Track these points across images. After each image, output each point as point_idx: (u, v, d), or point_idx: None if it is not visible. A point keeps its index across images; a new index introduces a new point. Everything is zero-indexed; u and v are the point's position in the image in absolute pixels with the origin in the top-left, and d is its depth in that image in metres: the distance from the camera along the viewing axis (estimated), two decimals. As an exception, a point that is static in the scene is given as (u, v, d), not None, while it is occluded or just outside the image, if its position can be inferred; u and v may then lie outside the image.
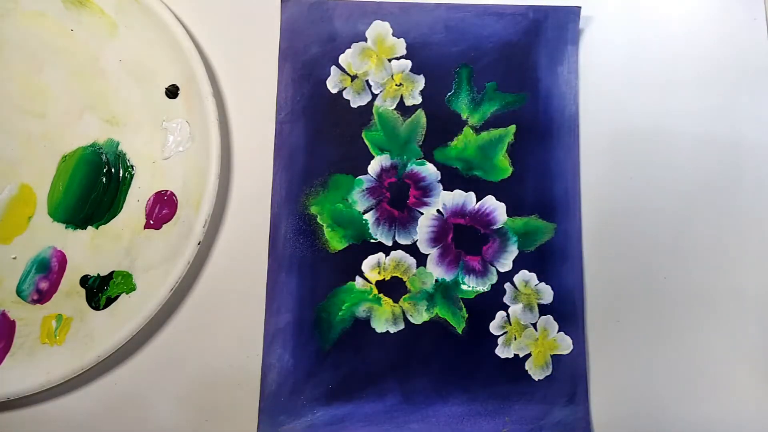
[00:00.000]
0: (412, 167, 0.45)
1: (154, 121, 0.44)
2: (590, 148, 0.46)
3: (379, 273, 0.44)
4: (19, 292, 0.43)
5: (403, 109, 0.45)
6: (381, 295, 0.44)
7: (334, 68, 0.46)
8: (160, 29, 0.44)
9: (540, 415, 0.43)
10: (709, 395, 0.43)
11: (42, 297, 0.43)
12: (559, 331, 0.44)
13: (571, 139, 0.45)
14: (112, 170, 0.44)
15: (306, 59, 0.46)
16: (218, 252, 0.44)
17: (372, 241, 0.44)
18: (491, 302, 0.44)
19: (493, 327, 0.44)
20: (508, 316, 0.44)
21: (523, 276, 0.44)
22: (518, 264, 0.44)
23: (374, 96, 0.46)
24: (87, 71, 0.45)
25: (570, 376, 0.43)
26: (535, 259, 0.44)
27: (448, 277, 0.44)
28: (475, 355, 0.43)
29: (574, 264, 0.44)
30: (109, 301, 0.42)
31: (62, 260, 0.43)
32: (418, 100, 0.46)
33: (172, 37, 0.43)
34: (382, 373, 0.43)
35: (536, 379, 0.43)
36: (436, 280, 0.44)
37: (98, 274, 0.43)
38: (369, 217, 0.44)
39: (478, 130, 0.45)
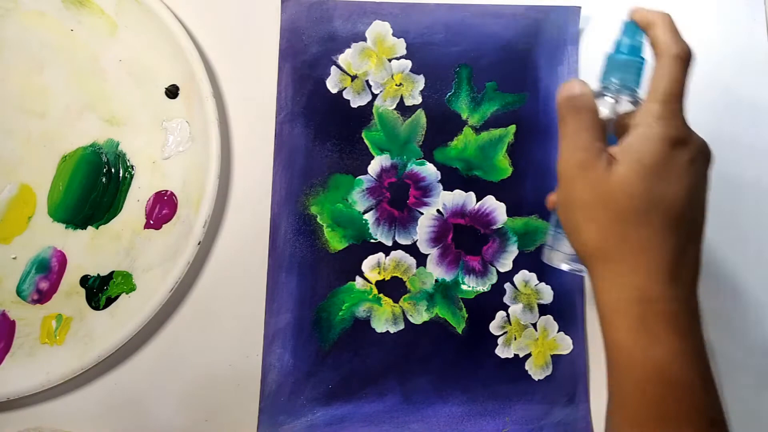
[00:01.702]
0: (412, 167, 0.45)
1: (154, 121, 0.44)
2: (590, 148, 0.45)
3: (379, 273, 0.44)
4: (19, 292, 0.43)
5: (403, 109, 0.45)
6: (381, 295, 0.44)
7: (334, 68, 0.46)
8: (160, 29, 0.44)
9: (540, 415, 0.43)
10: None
11: (42, 297, 0.43)
12: (559, 331, 0.44)
13: (571, 139, 0.45)
14: (112, 170, 0.44)
15: (306, 59, 0.46)
16: (218, 252, 0.44)
17: (372, 241, 0.44)
18: (491, 302, 0.44)
19: (493, 327, 0.43)
20: (508, 316, 0.44)
21: (523, 276, 0.44)
22: (518, 264, 0.44)
23: (374, 96, 0.46)
24: (87, 71, 0.45)
25: (570, 376, 0.43)
26: (535, 259, 0.44)
27: (448, 277, 0.44)
28: (475, 355, 0.43)
29: (574, 264, 0.44)
30: (109, 301, 0.42)
31: (62, 260, 0.43)
32: (418, 100, 0.46)
33: (172, 37, 0.43)
34: (382, 373, 0.43)
35: (536, 379, 0.43)
36: (436, 280, 0.44)
37: (98, 274, 0.43)
38: (369, 217, 0.44)
39: (478, 130, 0.45)
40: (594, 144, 0.31)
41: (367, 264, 0.44)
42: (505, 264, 0.44)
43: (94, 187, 0.44)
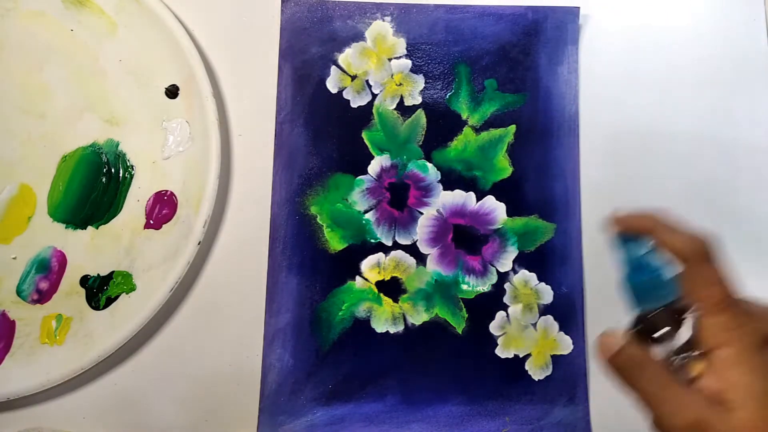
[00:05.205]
0: (412, 167, 0.45)
1: (154, 121, 0.44)
2: (590, 148, 0.46)
3: (378, 273, 0.44)
4: (19, 292, 0.43)
5: (403, 109, 0.45)
6: (381, 295, 0.44)
7: (334, 68, 0.46)
8: (160, 29, 0.44)
9: (540, 415, 0.43)
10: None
11: (42, 297, 0.43)
12: (559, 331, 0.44)
13: (571, 139, 0.45)
14: (112, 170, 0.44)
15: (306, 59, 0.46)
16: (218, 252, 0.44)
17: (372, 241, 0.44)
18: (491, 302, 0.44)
19: (493, 327, 0.43)
20: (508, 316, 0.44)
21: (523, 276, 0.44)
22: (518, 264, 0.44)
23: (374, 96, 0.46)
24: (87, 71, 0.45)
25: (570, 376, 0.43)
26: (535, 259, 0.44)
27: (448, 277, 0.44)
28: (475, 355, 0.43)
29: (574, 264, 0.44)
30: (109, 301, 0.42)
31: (62, 260, 0.43)
32: (418, 100, 0.46)
33: (172, 37, 0.43)
34: (382, 373, 0.43)
35: (536, 379, 0.43)
36: (436, 280, 0.44)
37: (98, 274, 0.43)
38: (369, 217, 0.44)
39: (478, 130, 0.45)
40: (684, 397, 0.26)
41: (367, 264, 0.44)
42: (505, 264, 0.44)
43: (94, 187, 0.44)
